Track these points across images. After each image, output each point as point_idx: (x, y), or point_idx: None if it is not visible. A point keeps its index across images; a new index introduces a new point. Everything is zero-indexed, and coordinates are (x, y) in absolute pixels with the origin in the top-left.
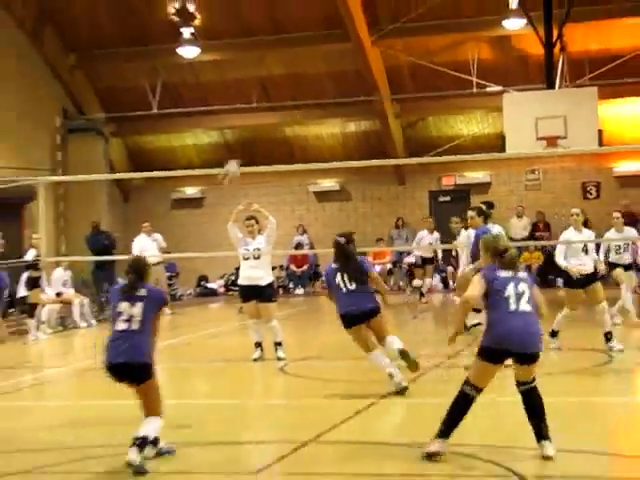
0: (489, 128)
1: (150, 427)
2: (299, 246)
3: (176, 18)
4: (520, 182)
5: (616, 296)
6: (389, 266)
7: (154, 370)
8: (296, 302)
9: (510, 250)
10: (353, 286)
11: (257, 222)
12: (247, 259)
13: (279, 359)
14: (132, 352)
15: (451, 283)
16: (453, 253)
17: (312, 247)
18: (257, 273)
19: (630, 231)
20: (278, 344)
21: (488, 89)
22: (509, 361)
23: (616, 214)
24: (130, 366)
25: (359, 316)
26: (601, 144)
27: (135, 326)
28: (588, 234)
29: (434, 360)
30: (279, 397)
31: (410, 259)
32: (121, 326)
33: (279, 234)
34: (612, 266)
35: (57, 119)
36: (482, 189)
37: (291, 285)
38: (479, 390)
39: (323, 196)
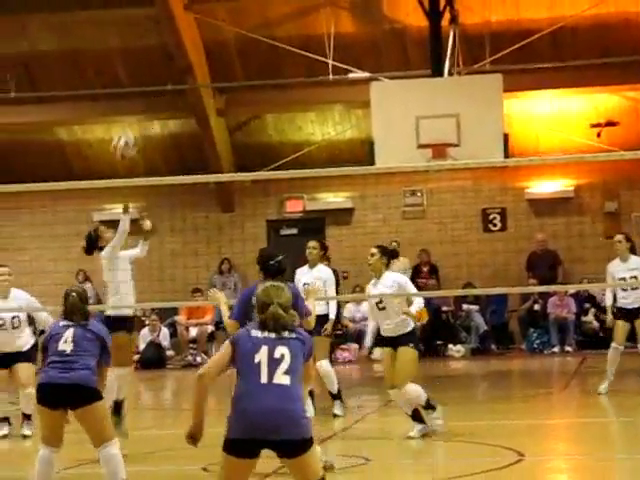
0: (352, 131)
1: None
2: None
3: None
4: (395, 208)
5: None
6: (210, 328)
7: None
8: None
9: (273, 307)
10: None
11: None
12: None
13: (24, 436)
14: None
15: None
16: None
17: (99, 301)
18: (18, 342)
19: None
20: (27, 417)
21: (350, 76)
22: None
23: (619, 237)
24: None
25: None
26: (508, 155)
27: None
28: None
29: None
30: None
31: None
32: None
33: (46, 284)
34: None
35: None
36: (342, 217)
37: None
38: None
39: (114, 227)
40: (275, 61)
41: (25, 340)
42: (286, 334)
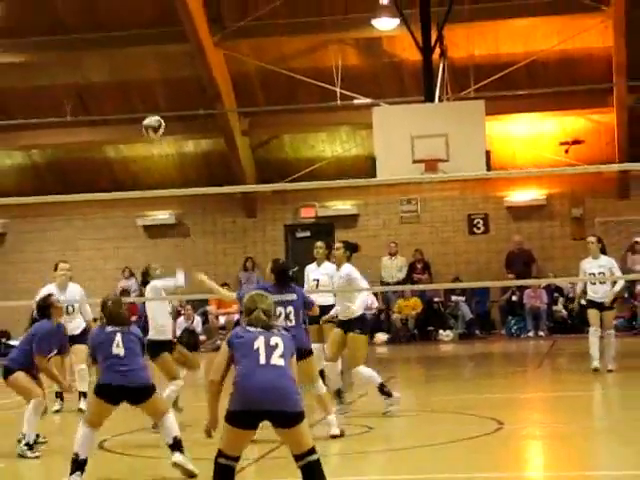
0: (356, 149)
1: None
2: (125, 293)
3: None
4: (394, 214)
5: None
6: (237, 317)
7: None
8: None
9: (257, 311)
10: None
11: (69, 269)
12: None
13: (80, 410)
14: None
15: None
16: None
17: (142, 294)
18: (71, 325)
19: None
20: (83, 394)
21: (355, 102)
22: None
23: (591, 238)
24: None
25: None
26: (489, 168)
27: None
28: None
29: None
30: None
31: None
32: None
33: (99, 278)
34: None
35: None
36: (348, 222)
37: None
38: (233, 458)
39: (155, 231)
40: (291, 89)
41: (77, 324)
42: (275, 330)
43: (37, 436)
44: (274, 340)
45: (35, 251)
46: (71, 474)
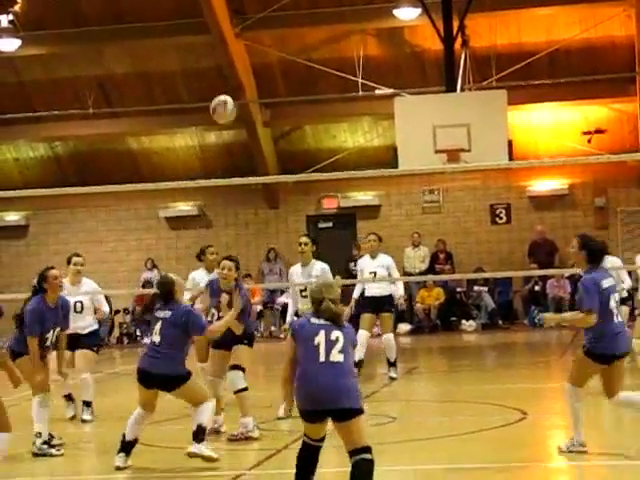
0: (378, 139)
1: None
2: (148, 284)
3: None
4: (416, 204)
5: None
6: (259, 307)
7: None
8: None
9: (325, 302)
10: None
11: (83, 264)
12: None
13: (83, 421)
14: None
15: None
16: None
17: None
18: (80, 323)
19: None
20: (86, 403)
21: (377, 92)
22: None
23: None
24: None
25: None
26: (511, 158)
27: None
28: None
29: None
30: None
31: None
32: None
33: (122, 270)
34: None
35: None
36: (371, 213)
37: (138, 332)
38: (317, 440)
39: (177, 222)
40: (312, 80)
41: (86, 323)
42: (338, 323)
43: (51, 437)
44: (335, 334)
45: (58, 243)
46: (117, 453)
